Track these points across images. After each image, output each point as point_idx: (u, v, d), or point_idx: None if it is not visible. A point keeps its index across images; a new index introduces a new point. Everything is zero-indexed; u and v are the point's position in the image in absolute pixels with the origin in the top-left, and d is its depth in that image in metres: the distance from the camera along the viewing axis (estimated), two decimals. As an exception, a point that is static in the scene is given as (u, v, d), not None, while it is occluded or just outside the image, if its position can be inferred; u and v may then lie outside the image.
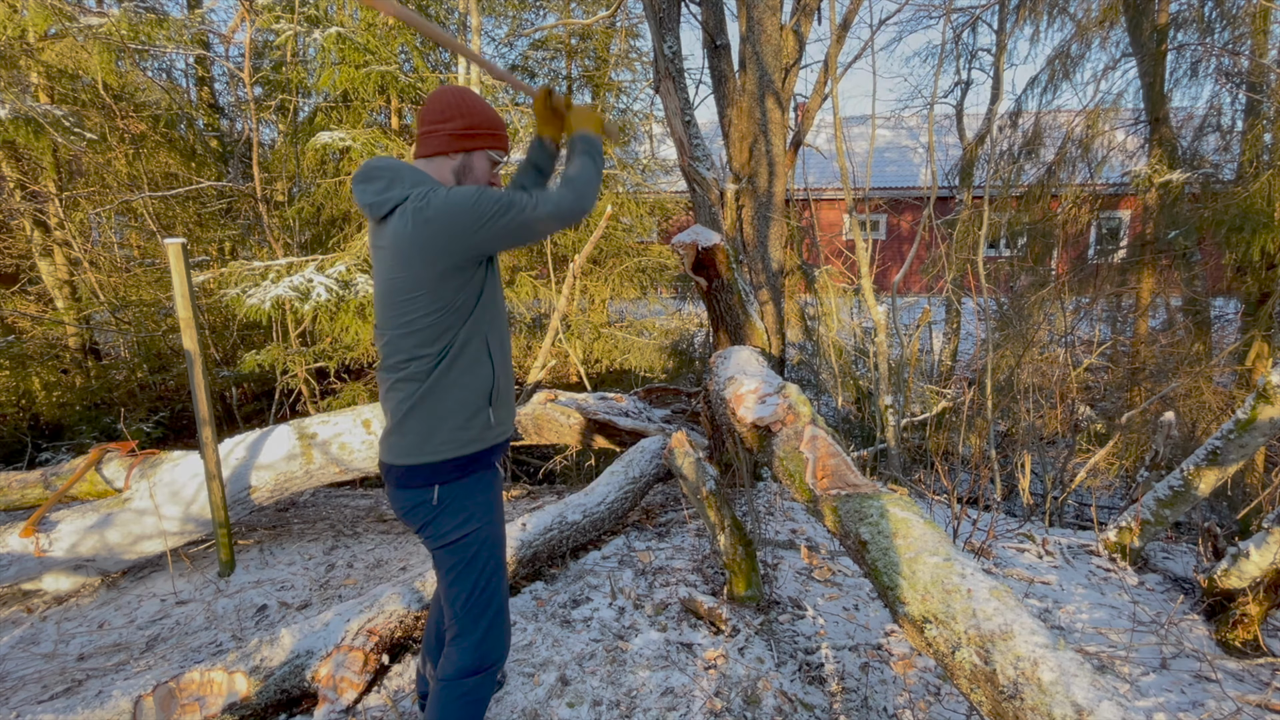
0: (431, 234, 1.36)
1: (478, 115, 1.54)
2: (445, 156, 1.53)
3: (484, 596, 1.58)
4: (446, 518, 1.53)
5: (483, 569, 1.58)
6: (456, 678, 1.57)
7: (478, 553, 1.57)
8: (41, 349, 5.86)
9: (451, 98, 1.53)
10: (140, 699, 1.94)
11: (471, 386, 1.50)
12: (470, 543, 1.55)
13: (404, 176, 1.44)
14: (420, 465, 1.50)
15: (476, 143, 1.54)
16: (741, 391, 2.51)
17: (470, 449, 1.52)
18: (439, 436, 1.49)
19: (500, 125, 1.58)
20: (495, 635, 1.61)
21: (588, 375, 7.72)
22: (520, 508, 4.15)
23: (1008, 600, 1.33)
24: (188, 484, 3.21)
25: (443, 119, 1.51)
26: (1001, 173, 8.15)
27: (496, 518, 1.61)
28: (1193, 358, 6.18)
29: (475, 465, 1.55)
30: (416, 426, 1.48)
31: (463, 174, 1.55)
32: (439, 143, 1.52)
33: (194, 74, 7.61)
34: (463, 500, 1.54)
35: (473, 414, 1.51)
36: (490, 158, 1.57)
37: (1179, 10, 6.66)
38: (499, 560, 1.62)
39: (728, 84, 5.13)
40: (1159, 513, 3.00)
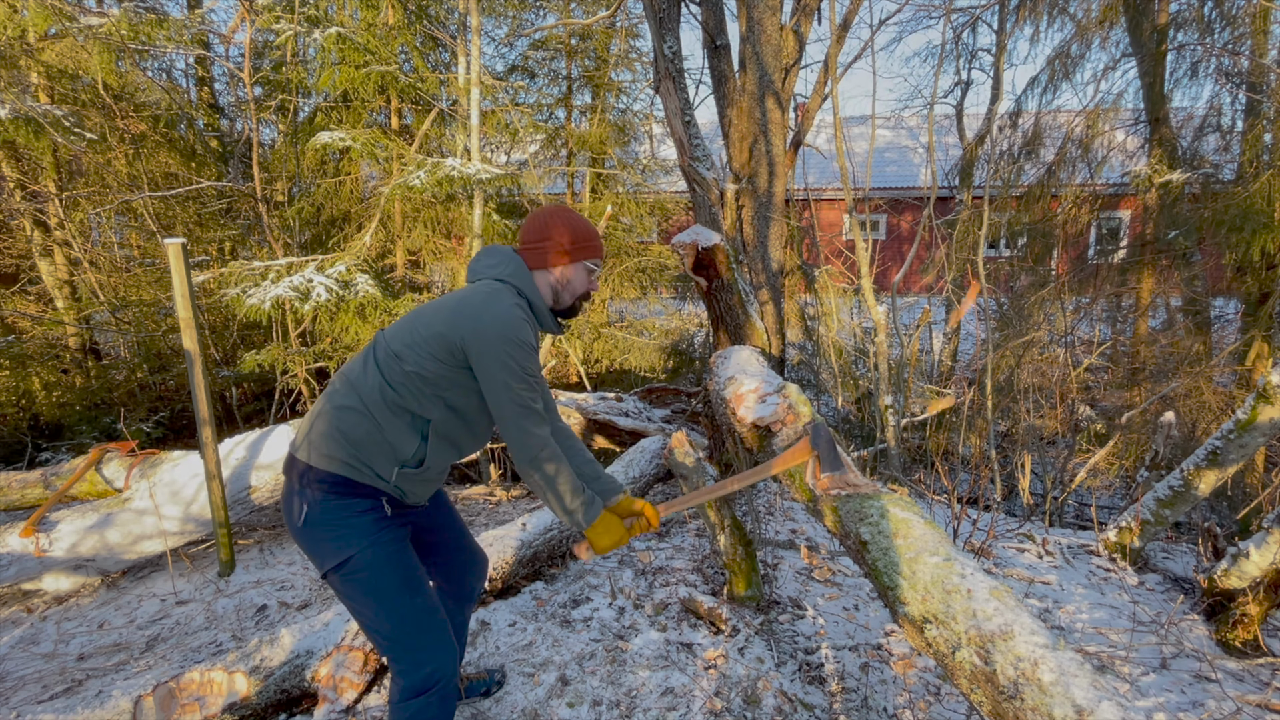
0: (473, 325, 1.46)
1: (580, 231, 1.64)
2: (545, 270, 1.64)
3: (395, 618, 1.50)
4: (321, 541, 1.47)
5: (379, 591, 1.49)
6: (401, 700, 1.52)
7: (367, 577, 1.48)
8: (41, 349, 5.86)
9: (553, 219, 1.64)
10: (140, 699, 1.94)
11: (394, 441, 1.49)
12: (353, 568, 1.46)
13: (509, 267, 1.59)
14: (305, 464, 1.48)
15: (575, 257, 1.64)
16: (741, 391, 2.51)
17: (357, 477, 1.48)
18: (340, 450, 1.47)
19: (597, 237, 1.68)
20: (427, 652, 1.52)
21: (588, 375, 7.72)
22: (520, 508, 4.15)
23: (1008, 600, 1.33)
24: (188, 484, 3.21)
25: (544, 237, 1.62)
26: (1001, 173, 8.15)
27: (383, 539, 1.50)
28: (1193, 358, 6.18)
29: (355, 493, 1.48)
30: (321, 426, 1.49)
31: (560, 285, 1.66)
32: (537, 259, 1.63)
33: (194, 74, 7.61)
34: (335, 525, 1.46)
35: (381, 458, 1.49)
36: (587, 268, 1.67)
37: (1179, 10, 6.66)
38: (396, 576, 1.51)
39: (728, 84, 5.13)
40: (1159, 513, 3.00)
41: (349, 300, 4.76)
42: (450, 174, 4.75)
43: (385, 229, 6.39)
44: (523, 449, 1.51)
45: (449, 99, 6.52)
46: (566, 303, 1.68)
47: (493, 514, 4.08)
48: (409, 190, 4.94)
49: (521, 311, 1.52)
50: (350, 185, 6.65)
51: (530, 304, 1.60)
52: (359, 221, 6.54)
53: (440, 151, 6.93)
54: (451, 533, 1.85)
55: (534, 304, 1.61)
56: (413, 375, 1.47)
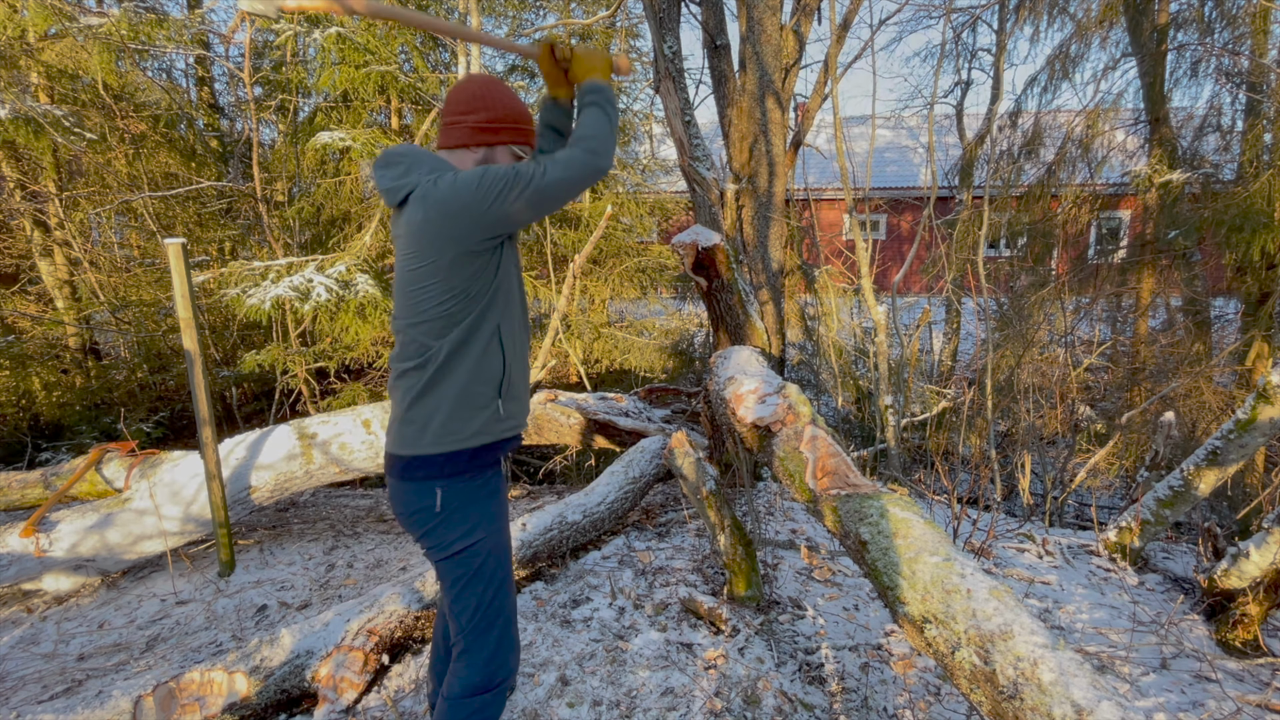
0: (441, 218, 1.33)
1: (502, 108, 1.48)
2: (467, 150, 1.48)
3: (491, 610, 1.50)
4: (450, 526, 1.45)
5: (489, 580, 1.50)
6: (464, 696, 1.49)
7: (483, 564, 1.48)
8: (41, 349, 5.86)
9: (475, 89, 1.48)
10: (140, 699, 1.94)
11: (480, 376, 1.43)
12: (476, 553, 1.47)
13: (422, 163, 1.41)
14: (422, 457, 1.43)
15: (500, 137, 1.49)
16: (741, 391, 2.51)
17: (475, 441, 1.44)
18: (443, 426, 1.42)
19: (526, 118, 1.52)
20: (504, 651, 1.53)
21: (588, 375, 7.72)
22: (520, 508, 4.14)
23: (1008, 600, 1.33)
24: (188, 484, 3.21)
25: (465, 111, 1.47)
26: (1001, 173, 8.15)
27: (502, 526, 1.53)
28: (1193, 358, 6.18)
29: (480, 462, 1.47)
30: (419, 415, 1.43)
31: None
32: (461, 135, 1.48)
33: (194, 74, 7.62)
34: (467, 507, 1.46)
35: (480, 405, 1.44)
36: (514, 153, 1.52)
37: (1179, 10, 6.66)
38: (506, 571, 1.54)
39: (728, 84, 5.13)
40: (1159, 513, 3.00)
41: (349, 300, 4.77)
42: (450, 174, 4.75)
43: (385, 229, 6.39)
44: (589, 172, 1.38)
45: (449, 99, 6.52)
46: None
47: (493, 514, 4.08)
48: (409, 190, 4.93)
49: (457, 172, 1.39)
50: (350, 185, 6.65)
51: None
52: (359, 221, 6.54)
53: (440, 151, 6.92)
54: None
55: None
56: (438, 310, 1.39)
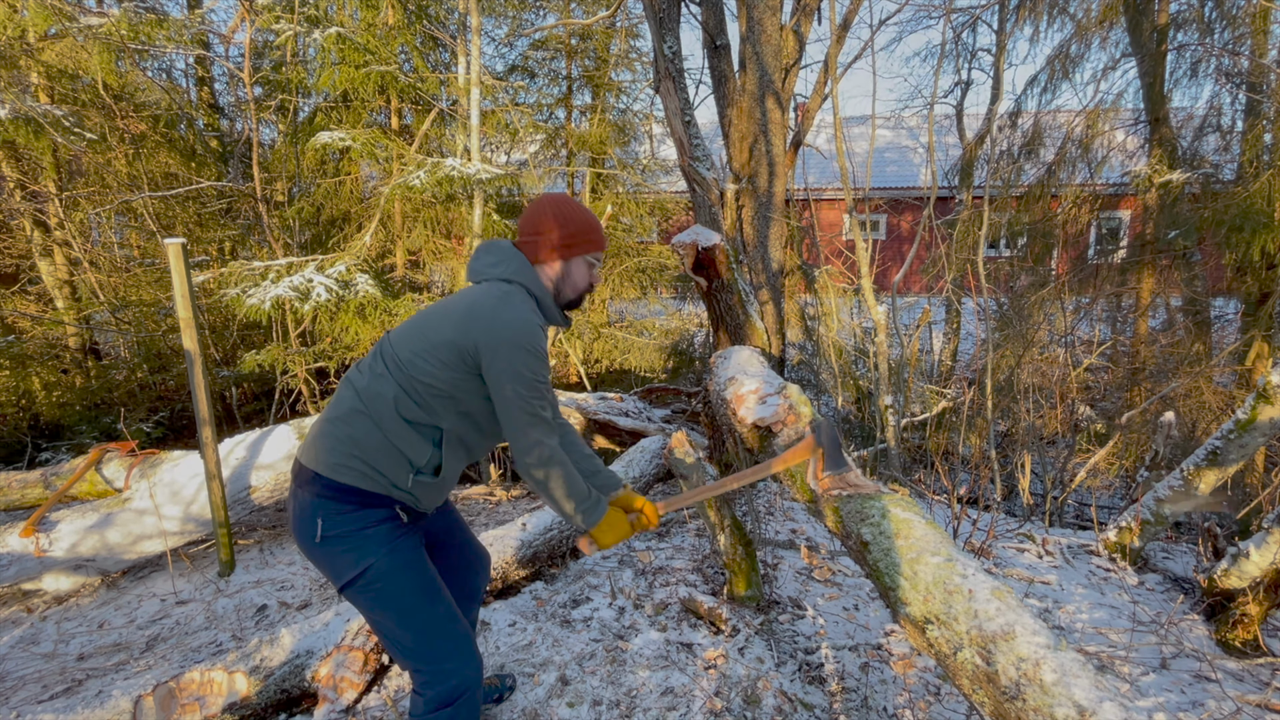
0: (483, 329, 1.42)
1: (576, 224, 1.59)
2: (545, 264, 1.59)
3: (415, 627, 1.46)
4: (334, 556, 1.43)
5: (398, 601, 1.45)
6: (427, 713, 1.47)
7: (384, 587, 1.44)
8: (41, 349, 5.85)
9: (552, 208, 1.58)
10: (140, 699, 1.94)
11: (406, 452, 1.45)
12: (371, 578, 1.43)
13: (511, 264, 1.55)
14: (315, 473, 1.44)
15: (574, 250, 1.59)
16: (742, 392, 2.51)
17: (370, 487, 1.44)
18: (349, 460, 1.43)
19: (597, 229, 1.63)
20: (452, 660, 1.49)
21: (588, 375, 7.72)
22: (520, 508, 4.14)
23: (1009, 601, 1.33)
24: (188, 484, 3.21)
25: (541, 230, 1.57)
26: (1001, 173, 8.15)
27: (398, 545, 1.47)
28: (1193, 358, 6.18)
29: (369, 504, 1.45)
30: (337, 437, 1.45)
31: (563, 280, 1.61)
32: (538, 252, 1.58)
33: (194, 74, 7.61)
34: (349, 537, 1.43)
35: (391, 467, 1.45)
36: (588, 261, 1.63)
37: (1179, 10, 6.66)
38: (417, 584, 1.48)
39: (728, 84, 5.13)
40: (1159, 513, 3.00)
41: (349, 300, 4.76)
42: (450, 174, 4.75)
43: (385, 229, 6.39)
44: (529, 457, 1.47)
45: (449, 99, 6.52)
46: (568, 297, 1.63)
47: (493, 514, 4.08)
48: (409, 190, 4.94)
49: (534, 315, 1.48)
50: (350, 185, 6.65)
51: (538, 301, 1.56)
52: (359, 221, 6.54)
53: (440, 151, 6.93)
54: (456, 533, 1.83)
55: (540, 300, 1.56)
56: (424, 384, 1.43)
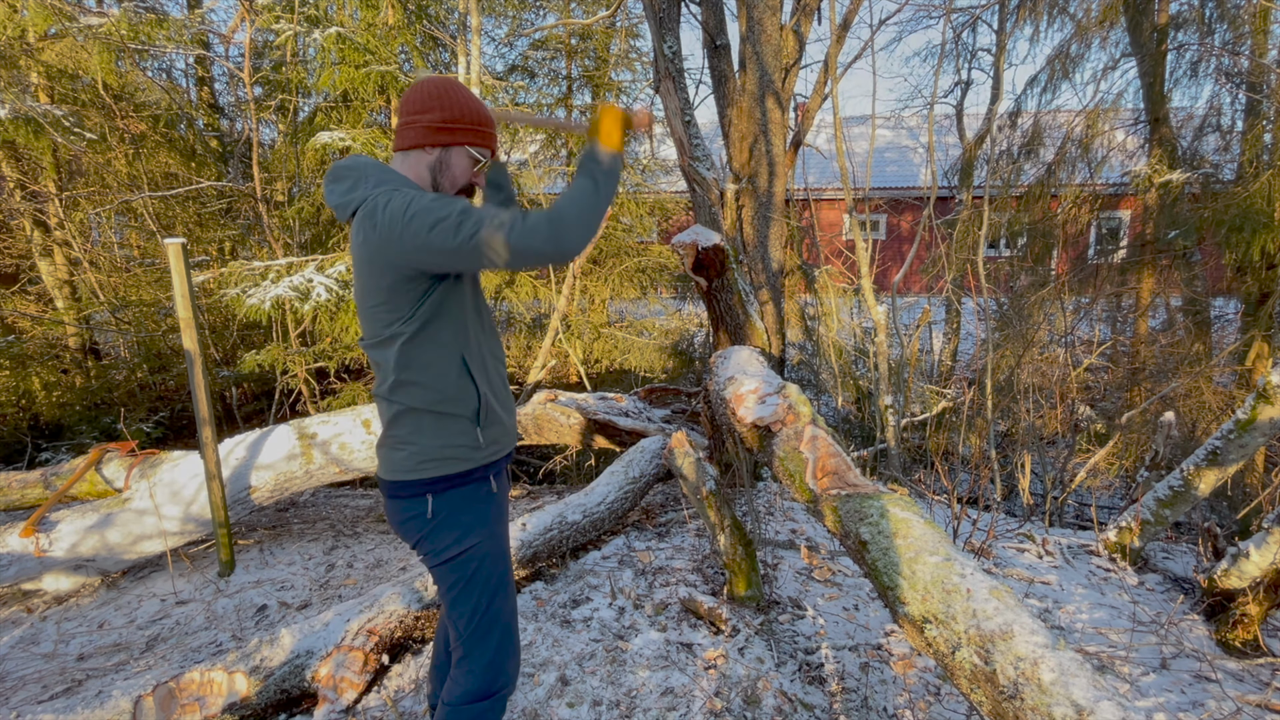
0: (378, 241, 1.28)
1: (458, 108, 1.42)
2: (421, 150, 1.42)
3: (489, 616, 1.49)
4: (442, 533, 1.44)
5: (484, 585, 1.49)
6: (463, 703, 1.48)
7: (478, 569, 1.47)
8: (41, 349, 5.86)
9: (432, 88, 1.42)
10: (140, 699, 1.94)
11: (450, 406, 1.41)
12: (469, 559, 1.46)
13: (369, 176, 1.36)
14: (403, 482, 1.43)
15: (455, 137, 1.42)
16: (742, 391, 2.51)
17: (455, 468, 1.44)
18: (420, 453, 1.41)
19: (485, 120, 1.46)
20: (503, 657, 1.51)
21: (588, 375, 7.72)
22: (520, 508, 4.15)
23: (1008, 600, 1.33)
24: (188, 484, 3.21)
25: (420, 110, 1.40)
26: (1001, 173, 8.15)
27: (498, 531, 1.52)
28: (1193, 358, 6.18)
29: (467, 480, 1.47)
30: (397, 440, 1.43)
31: (439, 170, 1.44)
32: (415, 135, 1.41)
33: (194, 74, 7.61)
34: (458, 514, 1.45)
35: (455, 434, 1.43)
36: (470, 154, 1.45)
37: (1179, 10, 6.66)
38: (503, 576, 1.53)
39: (728, 84, 5.13)
40: (1159, 513, 3.00)
41: (349, 300, 4.77)
42: (450, 174, 4.75)
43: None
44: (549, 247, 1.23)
45: (449, 99, 6.51)
46: (447, 192, 1.45)
47: (493, 514, 4.08)
48: (409, 190, 4.93)
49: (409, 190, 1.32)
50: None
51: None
52: (359, 221, 6.53)
53: (440, 151, 6.92)
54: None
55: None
56: (401, 337, 1.35)
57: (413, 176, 1.43)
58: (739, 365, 2.84)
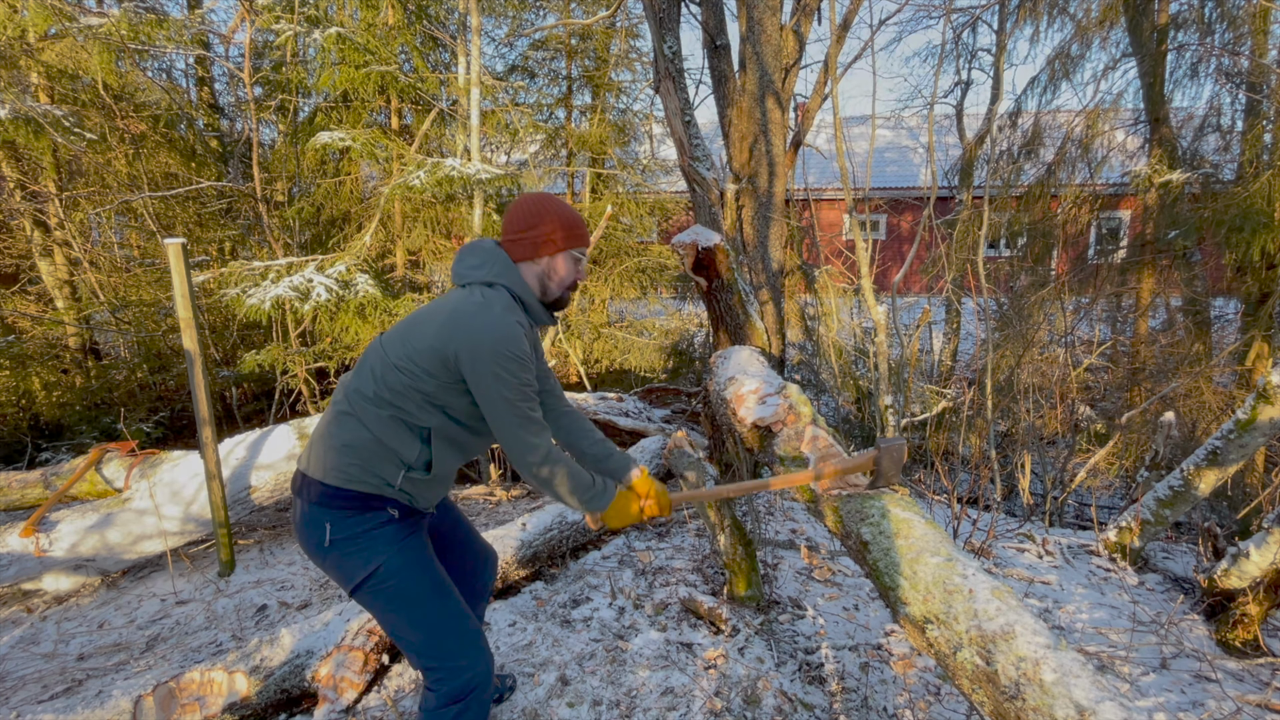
0: (465, 338, 1.42)
1: (560, 220, 1.59)
2: (531, 262, 1.59)
3: (425, 625, 1.49)
4: (344, 559, 1.45)
5: (408, 599, 1.48)
6: (439, 707, 1.49)
7: (395, 585, 1.47)
8: (41, 349, 5.85)
9: (533, 206, 1.59)
10: (140, 699, 1.94)
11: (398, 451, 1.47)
12: (382, 578, 1.46)
13: (495, 265, 1.55)
14: (315, 480, 1.46)
15: (559, 246, 1.59)
16: (742, 392, 2.51)
17: (370, 489, 1.46)
18: (340, 458, 1.45)
19: (581, 224, 1.63)
20: (464, 654, 1.51)
21: (588, 375, 7.72)
22: (520, 508, 4.14)
23: (1009, 601, 1.33)
24: (188, 484, 3.21)
25: (527, 227, 1.58)
26: (1001, 173, 8.15)
27: (407, 544, 1.51)
28: (1193, 358, 6.17)
29: (369, 506, 1.47)
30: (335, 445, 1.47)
31: (548, 277, 1.61)
32: (524, 250, 1.58)
33: (194, 74, 7.60)
34: (357, 539, 1.46)
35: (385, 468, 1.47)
36: (574, 256, 1.63)
37: (1179, 10, 6.66)
38: (427, 581, 1.51)
39: (728, 84, 5.13)
40: (1159, 513, 3.00)
41: (349, 300, 4.76)
42: (450, 174, 4.75)
43: (385, 229, 6.39)
44: (523, 460, 1.49)
45: (449, 99, 6.52)
46: (555, 294, 1.64)
47: (493, 514, 4.08)
48: (409, 190, 4.93)
49: (515, 317, 1.49)
50: (350, 185, 6.65)
51: (522, 303, 1.57)
52: (359, 221, 6.54)
53: (440, 151, 6.93)
54: (460, 531, 1.84)
55: (525, 302, 1.58)
56: (409, 387, 1.45)
57: (529, 281, 1.61)
58: (739, 365, 2.84)
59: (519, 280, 1.57)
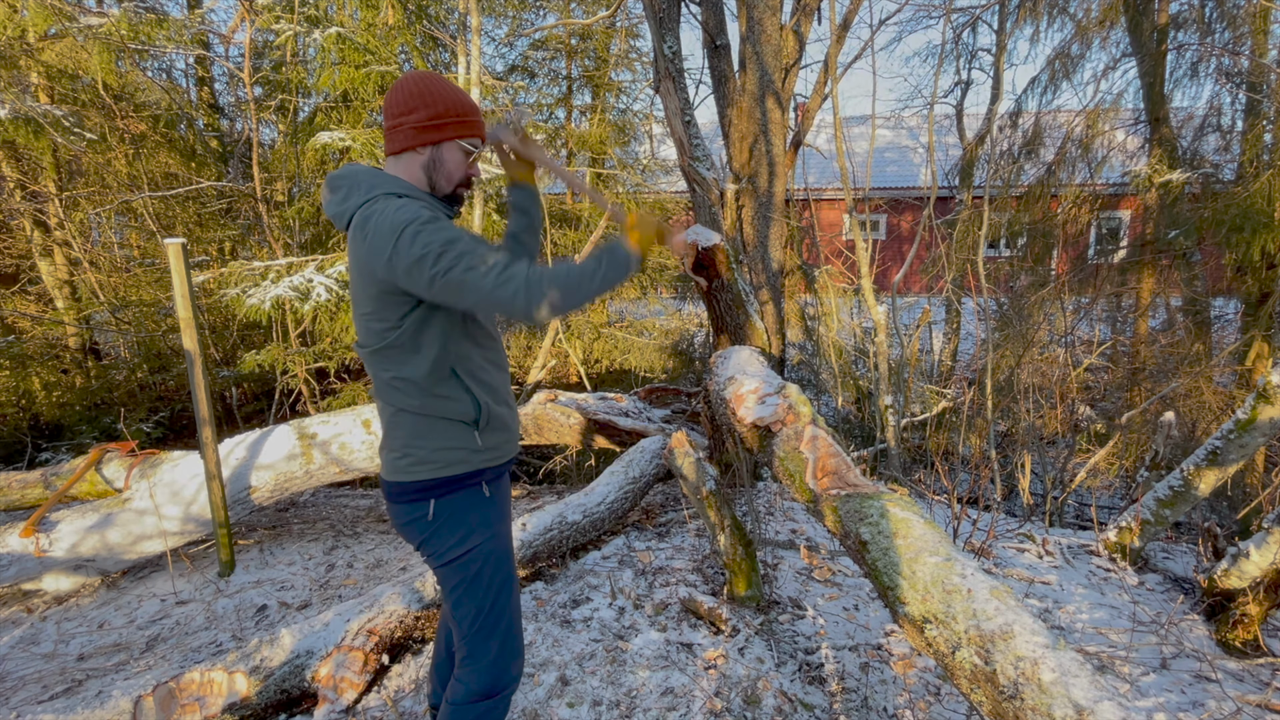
0: (366, 255, 1.28)
1: (443, 102, 1.40)
2: (413, 152, 1.41)
3: (491, 616, 1.50)
4: (444, 534, 1.45)
5: (488, 586, 1.50)
6: (467, 702, 1.49)
7: (481, 569, 1.48)
8: (41, 349, 5.86)
9: (413, 86, 1.39)
10: (140, 699, 1.94)
11: (447, 412, 1.42)
12: (472, 559, 1.47)
13: (361, 183, 1.36)
14: (404, 483, 1.44)
15: (444, 133, 1.40)
16: (742, 391, 2.51)
17: (454, 470, 1.44)
18: (418, 456, 1.42)
19: (471, 110, 1.44)
20: (507, 656, 1.53)
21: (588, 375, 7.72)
22: (520, 508, 4.15)
23: (1008, 600, 1.33)
24: (188, 484, 3.21)
25: (405, 111, 1.39)
26: (1001, 173, 8.15)
27: (500, 531, 1.53)
28: (1193, 358, 6.18)
29: (465, 483, 1.47)
30: (396, 443, 1.45)
31: (433, 169, 1.43)
32: (404, 138, 1.40)
33: (194, 74, 7.61)
34: (461, 514, 1.46)
35: (453, 437, 1.43)
36: (462, 147, 1.43)
37: (1179, 10, 6.67)
38: (506, 576, 1.53)
39: (728, 84, 5.13)
40: (1159, 513, 3.00)
41: (349, 300, 4.76)
42: (450, 174, 4.75)
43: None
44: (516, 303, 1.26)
45: (449, 99, 6.51)
46: (444, 189, 1.45)
47: (493, 514, 4.08)
48: (409, 190, 4.93)
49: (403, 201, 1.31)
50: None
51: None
52: (359, 221, 6.53)
53: (440, 151, 6.92)
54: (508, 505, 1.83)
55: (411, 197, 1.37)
56: (393, 347, 1.36)
57: (409, 179, 1.42)
58: (739, 365, 2.84)
59: (393, 181, 1.37)
